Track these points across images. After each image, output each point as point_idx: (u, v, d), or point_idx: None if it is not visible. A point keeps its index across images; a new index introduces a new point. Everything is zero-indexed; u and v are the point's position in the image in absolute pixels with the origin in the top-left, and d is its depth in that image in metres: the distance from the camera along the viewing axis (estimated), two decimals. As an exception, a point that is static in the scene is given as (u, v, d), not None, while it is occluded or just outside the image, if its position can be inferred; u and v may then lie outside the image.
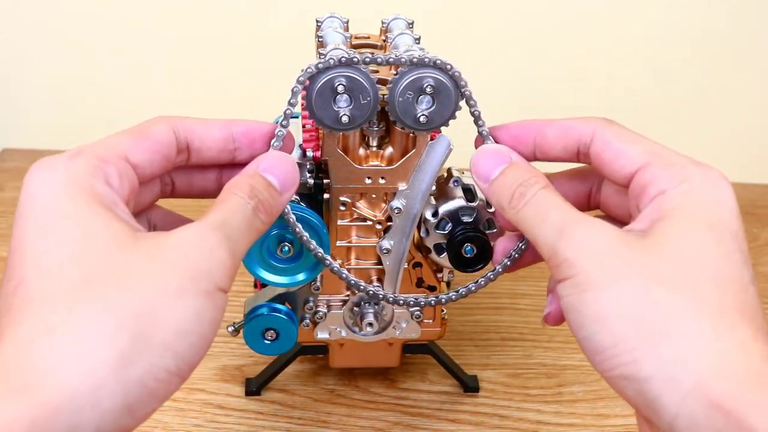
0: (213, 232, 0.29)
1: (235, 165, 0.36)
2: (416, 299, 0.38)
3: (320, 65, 0.34)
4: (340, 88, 0.35)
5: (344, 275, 0.38)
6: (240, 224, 0.31)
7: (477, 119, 0.36)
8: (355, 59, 0.34)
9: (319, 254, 0.37)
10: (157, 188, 0.36)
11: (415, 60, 0.35)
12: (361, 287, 0.38)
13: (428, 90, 0.35)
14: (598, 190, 0.37)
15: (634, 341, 0.27)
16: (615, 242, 0.29)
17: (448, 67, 0.35)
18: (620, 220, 0.35)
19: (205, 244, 0.28)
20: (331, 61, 0.34)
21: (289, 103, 0.35)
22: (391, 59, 0.35)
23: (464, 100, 0.36)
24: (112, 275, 0.27)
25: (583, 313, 0.28)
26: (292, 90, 0.35)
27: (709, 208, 0.30)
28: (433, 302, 0.38)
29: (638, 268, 0.28)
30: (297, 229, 0.36)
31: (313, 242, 0.37)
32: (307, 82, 0.35)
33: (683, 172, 0.31)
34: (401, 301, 0.39)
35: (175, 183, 0.37)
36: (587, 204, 0.37)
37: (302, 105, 0.36)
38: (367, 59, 0.34)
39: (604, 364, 0.27)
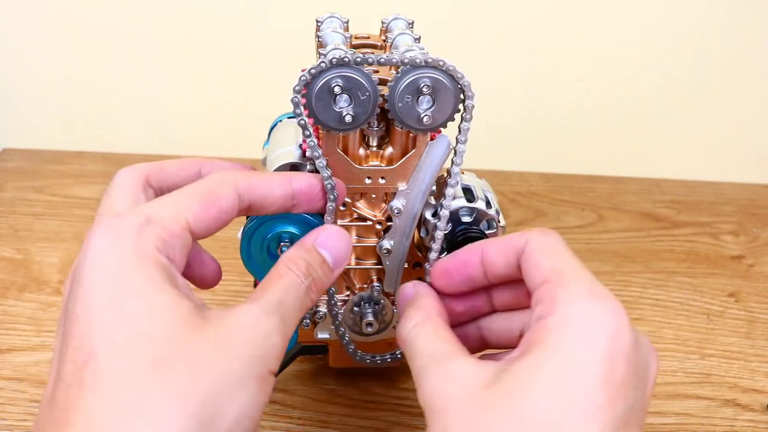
0: (270, 317, 0.30)
1: None
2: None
3: (313, 71, 0.34)
4: (337, 89, 0.35)
5: None
6: (294, 305, 0.32)
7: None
8: (347, 59, 0.34)
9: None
10: None
11: (406, 60, 0.35)
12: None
13: (425, 90, 0.35)
14: None
15: None
16: (469, 394, 0.29)
17: (441, 63, 0.35)
18: None
19: (262, 330, 0.30)
20: (323, 65, 0.34)
21: (296, 114, 0.35)
22: (381, 60, 0.35)
23: (463, 94, 0.36)
24: (181, 359, 0.27)
25: None
26: (293, 101, 0.35)
27: (573, 352, 0.28)
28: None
29: (477, 429, 0.28)
30: None
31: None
32: (304, 89, 0.35)
33: (568, 297, 0.30)
34: None
35: None
36: None
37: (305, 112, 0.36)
38: (359, 59, 0.34)
39: None
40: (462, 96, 0.36)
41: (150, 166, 0.37)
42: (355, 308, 0.44)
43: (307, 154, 0.37)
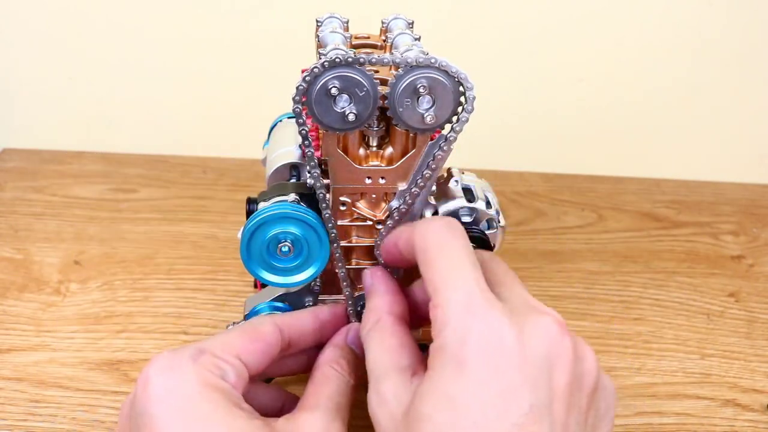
0: (333, 423, 0.34)
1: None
2: None
3: (307, 78, 0.34)
4: (334, 90, 0.35)
5: None
6: (347, 403, 0.36)
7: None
8: (338, 59, 0.34)
9: None
10: None
11: (398, 60, 0.35)
12: None
13: (422, 90, 0.35)
14: None
15: None
16: (391, 420, 0.31)
17: (433, 61, 0.35)
18: None
19: None
20: (317, 69, 0.34)
21: (298, 124, 0.36)
22: (373, 60, 0.35)
23: (462, 89, 0.36)
24: None
25: None
26: (294, 111, 0.35)
27: (446, 380, 0.28)
28: None
29: None
30: None
31: None
32: (304, 97, 0.35)
33: (442, 319, 0.30)
34: None
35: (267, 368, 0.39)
36: None
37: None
38: (350, 59, 0.34)
39: None
40: (461, 89, 0.36)
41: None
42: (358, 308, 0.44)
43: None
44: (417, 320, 0.38)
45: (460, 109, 0.36)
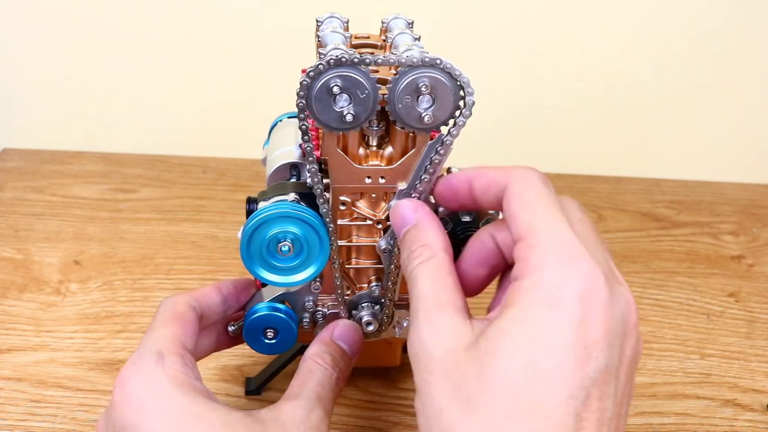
0: (314, 411, 0.36)
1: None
2: None
3: (312, 73, 0.34)
4: (336, 89, 0.35)
5: None
6: (329, 395, 0.37)
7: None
8: (344, 59, 0.34)
9: None
10: None
11: (403, 60, 0.35)
12: None
13: (424, 89, 0.35)
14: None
15: None
16: (449, 353, 0.29)
17: (438, 62, 0.35)
18: None
19: (313, 423, 0.35)
20: (321, 66, 0.34)
21: (299, 119, 0.36)
22: (379, 60, 0.35)
23: (462, 90, 0.36)
24: None
25: (417, 412, 0.30)
26: (298, 106, 0.35)
27: (542, 317, 0.28)
28: None
29: (455, 394, 0.28)
30: None
31: None
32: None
33: (539, 260, 0.29)
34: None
35: None
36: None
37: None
38: (356, 59, 0.34)
39: None
40: (462, 93, 0.36)
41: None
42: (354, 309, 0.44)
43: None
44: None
45: (458, 113, 0.36)
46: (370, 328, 0.43)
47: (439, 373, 0.29)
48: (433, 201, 0.42)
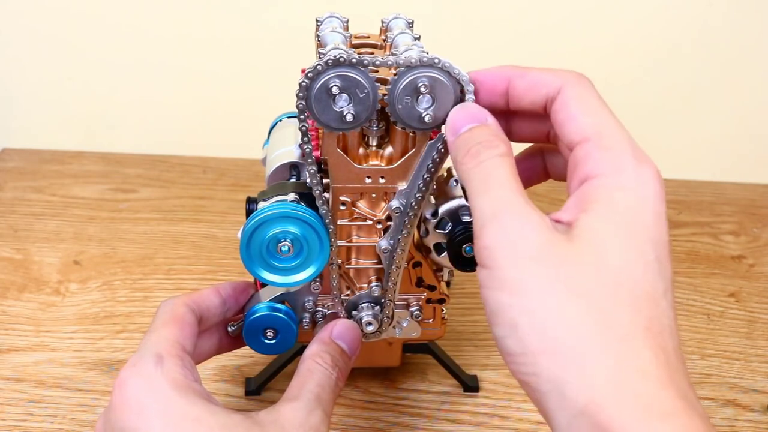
0: (314, 412, 0.36)
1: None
2: None
3: (311, 73, 0.34)
4: (335, 89, 0.35)
5: None
6: (329, 396, 0.37)
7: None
8: (342, 59, 0.34)
9: None
10: None
11: (401, 62, 0.35)
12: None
13: (423, 89, 0.35)
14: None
15: (539, 356, 0.26)
16: (540, 245, 0.28)
17: (436, 61, 0.35)
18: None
19: (313, 425, 0.35)
20: (320, 66, 0.34)
21: (299, 120, 0.36)
22: (377, 62, 0.35)
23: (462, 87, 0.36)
24: None
25: (496, 313, 0.28)
26: (298, 107, 0.35)
27: (632, 211, 0.29)
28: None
29: (556, 283, 0.27)
30: None
31: None
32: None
33: (616, 161, 0.29)
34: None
35: None
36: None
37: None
38: (354, 60, 0.34)
39: (511, 366, 0.28)
40: (461, 92, 0.36)
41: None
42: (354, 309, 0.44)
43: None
44: None
45: None
46: (370, 328, 0.43)
47: (540, 262, 0.27)
48: (432, 201, 0.41)
